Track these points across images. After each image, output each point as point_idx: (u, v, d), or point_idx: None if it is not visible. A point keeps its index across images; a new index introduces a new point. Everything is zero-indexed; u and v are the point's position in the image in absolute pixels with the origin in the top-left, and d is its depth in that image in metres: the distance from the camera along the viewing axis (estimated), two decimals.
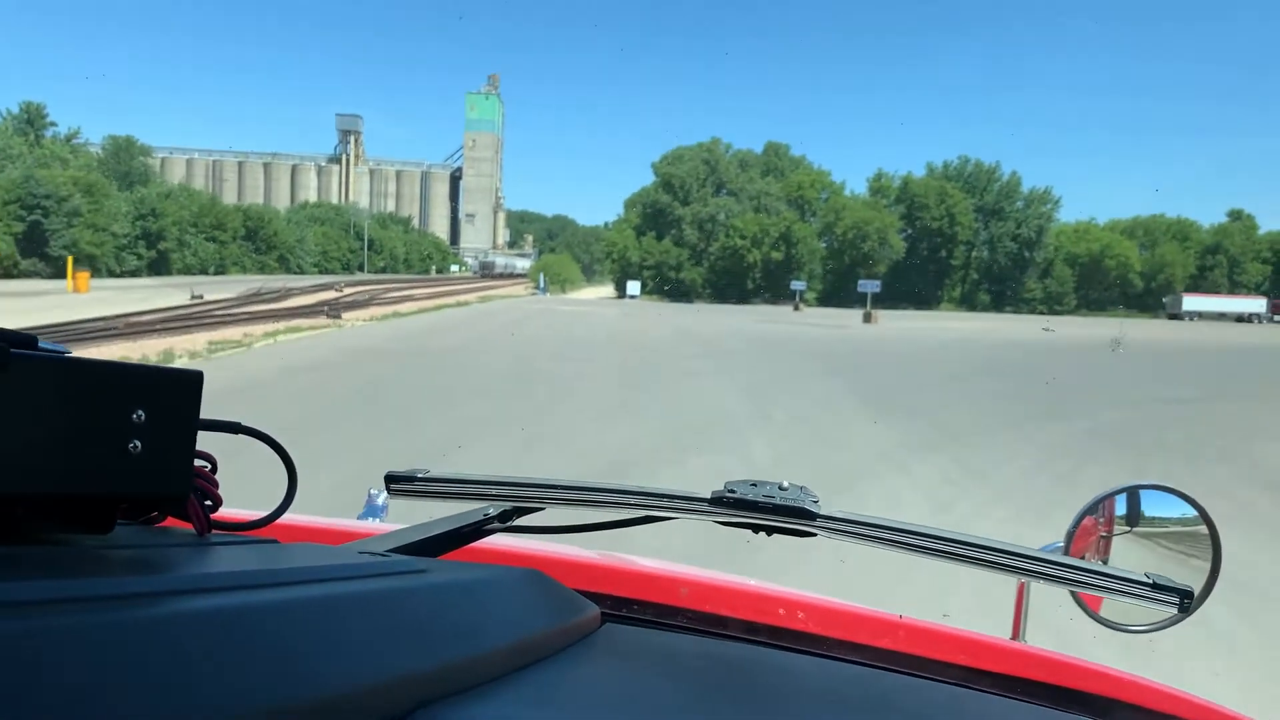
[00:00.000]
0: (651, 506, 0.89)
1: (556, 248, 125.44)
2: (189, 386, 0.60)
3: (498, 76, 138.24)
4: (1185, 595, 0.79)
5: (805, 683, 0.77)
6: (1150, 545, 1.09)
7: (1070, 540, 1.09)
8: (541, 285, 68.52)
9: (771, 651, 0.86)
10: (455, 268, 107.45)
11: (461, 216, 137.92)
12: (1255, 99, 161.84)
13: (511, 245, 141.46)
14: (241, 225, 70.42)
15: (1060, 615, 0.96)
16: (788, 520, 0.82)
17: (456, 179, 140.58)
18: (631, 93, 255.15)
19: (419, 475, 0.94)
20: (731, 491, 0.83)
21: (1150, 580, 0.80)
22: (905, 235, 75.77)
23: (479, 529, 0.93)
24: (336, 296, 34.92)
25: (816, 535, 0.83)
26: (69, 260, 38.00)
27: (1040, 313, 72.04)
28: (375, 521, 1.34)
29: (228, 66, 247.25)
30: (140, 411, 0.56)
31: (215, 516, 0.71)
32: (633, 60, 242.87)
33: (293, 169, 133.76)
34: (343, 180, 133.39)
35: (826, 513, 0.83)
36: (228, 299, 29.61)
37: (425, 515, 0.96)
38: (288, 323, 21.05)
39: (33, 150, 58.60)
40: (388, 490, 0.96)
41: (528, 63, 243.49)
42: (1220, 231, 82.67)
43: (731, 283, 72.25)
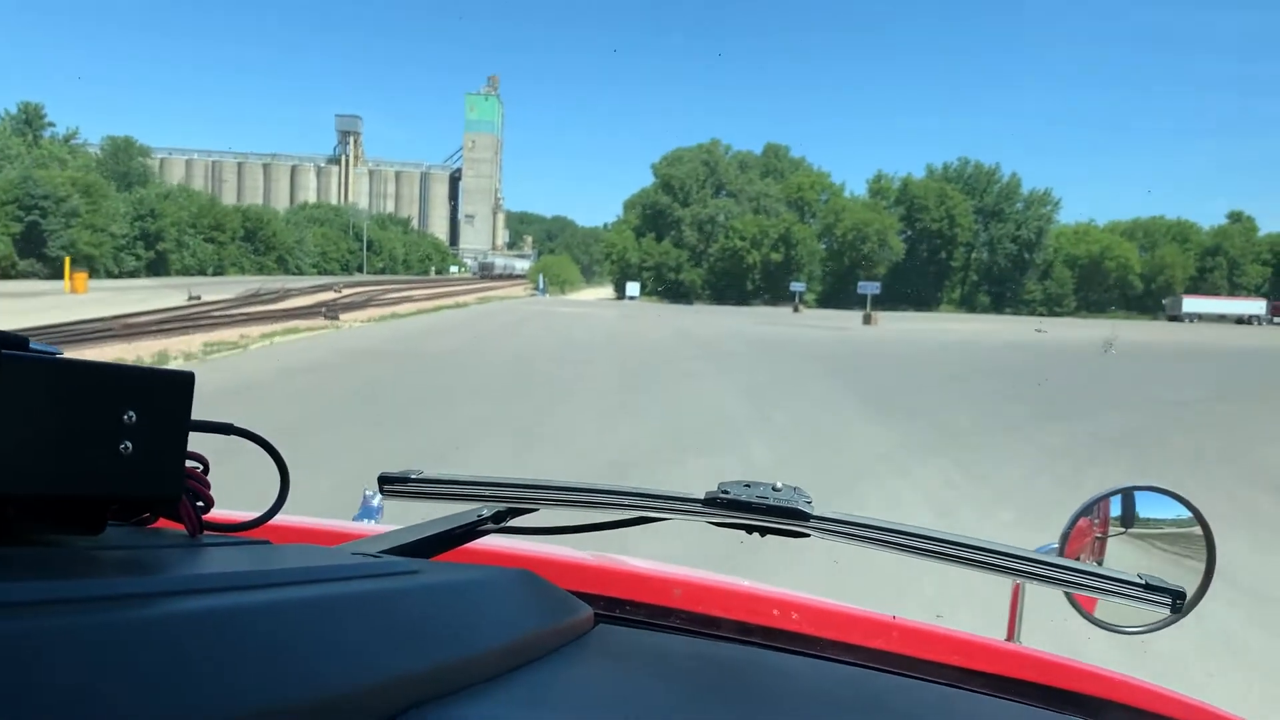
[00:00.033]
0: (645, 507, 0.89)
1: (556, 249, 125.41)
2: (180, 388, 0.60)
3: (497, 77, 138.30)
4: (1178, 596, 0.79)
5: (798, 683, 0.77)
6: (1145, 546, 1.09)
7: (1065, 541, 1.08)
8: (541, 286, 68.46)
9: (765, 652, 0.86)
10: (454, 269, 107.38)
11: (461, 217, 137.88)
12: (1255, 100, 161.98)
13: (511, 246, 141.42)
14: (240, 226, 70.35)
15: (1074, 618, 0.95)
16: (781, 521, 0.82)
17: (456, 180, 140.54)
18: (631, 94, 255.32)
19: (412, 476, 0.94)
20: (725, 492, 0.83)
21: (1143, 581, 0.80)
22: (905, 237, 75.72)
23: (472, 530, 0.93)
24: (335, 297, 34.86)
25: (810, 536, 0.84)
26: (66, 261, 37.87)
27: (1040, 314, 71.92)
28: (370, 523, 1.34)
29: (227, 67, 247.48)
30: (131, 413, 0.56)
31: (207, 517, 0.70)
32: (632, 61, 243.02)
33: (292, 170, 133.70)
34: (342, 181, 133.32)
35: (820, 513, 0.82)
36: (225, 300, 29.53)
37: (420, 516, 0.96)
38: (285, 324, 20.96)
39: (31, 151, 58.52)
40: (381, 491, 0.96)
41: (527, 64, 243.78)
42: (1220, 233, 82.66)
43: (731, 284, 72.18)
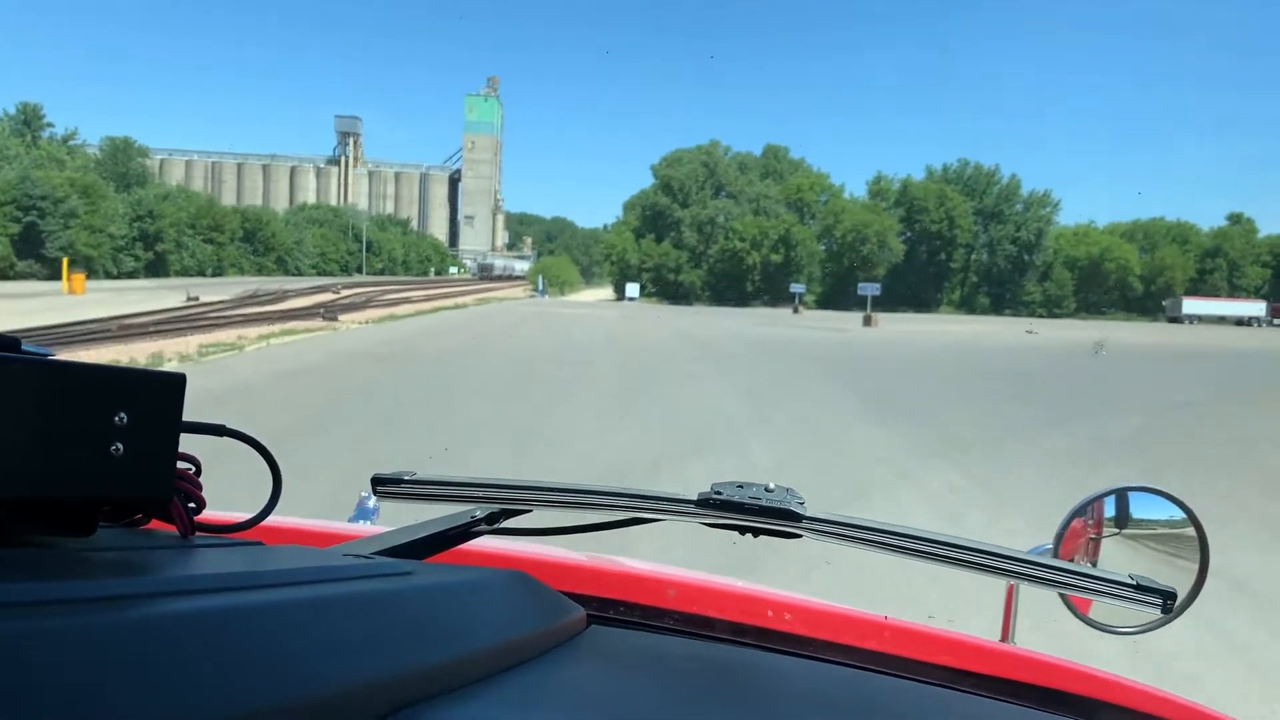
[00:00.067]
0: (638, 508, 0.89)
1: (555, 250, 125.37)
2: (171, 389, 0.60)
3: (497, 79, 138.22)
4: (1169, 596, 0.79)
5: (792, 684, 0.77)
6: (1138, 547, 1.09)
7: (1059, 542, 1.09)
8: (540, 287, 68.35)
9: (758, 653, 0.86)
10: (454, 270, 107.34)
11: (460, 218, 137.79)
12: (1255, 102, 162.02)
13: (510, 247, 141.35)
14: (239, 227, 70.29)
15: (1075, 619, 0.95)
16: (773, 521, 0.82)
17: (455, 181, 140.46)
18: (630, 95, 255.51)
19: (406, 478, 0.94)
20: (718, 493, 0.83)
21: (1134, 582, 0.80)
22: (904, 238, 75.65)
23: (465, 531, 0.93)
24: (333, 298, 34.76)
25: (802, 536, 0.84)
26: (64, 262, 37.75)
27: (1040, 316, 71.83)
28: (366, 524, 1.34)
29: (227, 68, 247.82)
30: (122, 414, 0.56)
31: (201, 519, 0.70)
32: (631, 62, 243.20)
33: (291, 171, 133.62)
34: (341, 182, 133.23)
35: (812, 514, 0.83)
36: (223, 301, 29.42)
37: (417, 518, 0.95)
38: (283, 325, 20.84)
39: (29, 151, 58.41)
40: (374, 493, 0.96)
41: (527, 65, 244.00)
42: (1220, 235, 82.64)
43: (730, 285, 72.08)
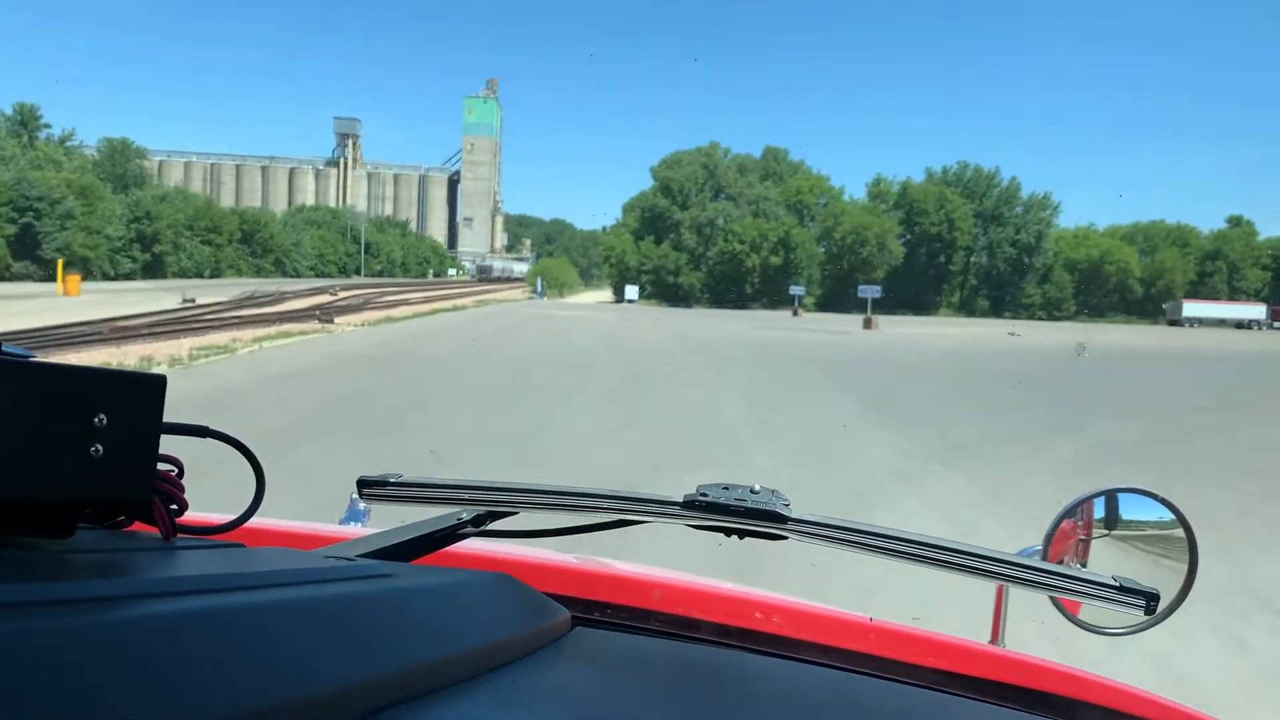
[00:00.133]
0: (624, 510, 0.89)
1: (554, 252, 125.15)
2: (152, 390, 0.60)
3: (496, 80, 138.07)
4: (1152, 598, 0.80)
5: (777, 686, 0.77)
6: (1128, 548, 1.09)
7: (1048, 543, 1.08)
8: (539, 289, 68.12)
9: (743, 655, 0.86)
10: (453, 271, 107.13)
11: (459, 220, 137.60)
12: (1255, 104, 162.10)
13: (509, 249, 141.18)
14: (237, 228, 70.10)
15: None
16: (758, 523, 0.82)
17: (454, 183, 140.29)
18: (629, 97, 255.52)
19: (392, 480, 0.94)
20: (704, 495, 0.84)
21: (1117, 583, 0.81)
22: (904, 240, 75.50)
23: (451, 534, 0.92)
24: (331, 300, 34.55)
25: (788, 538, 0.84)
26: (59, 263, 37.54)
27: (1040, 318, 71.69)
28: (357, 526, 1.34)
29: (226, 69, 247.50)
30: (102, 415, 0.56)
31: (184, 520, 0.70)
32: (631, 64, 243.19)
33: (290, 172, 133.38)
34: (340, 184, 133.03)
35: (798, 516, 0.83)
36: (220, 303, 29.19)
37: (407, 520, 0.95)
38: (278, 327, 20.61)
39: (26, 152, 58.19)
40: (360, 495, 0.97)
41: (526, 67, 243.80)
42: (1220, 237, 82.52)
43: (730, 287, 71.92)
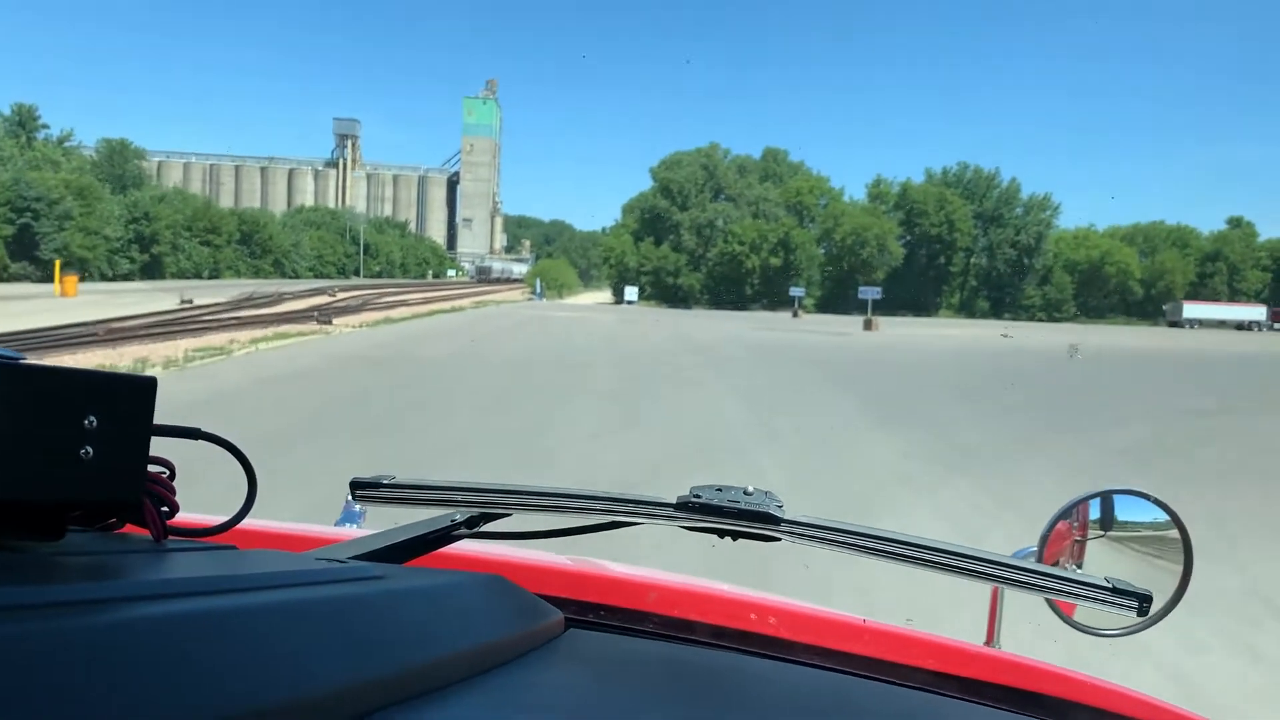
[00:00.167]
0: (618, 512, 0.89)
1: (554, 253, 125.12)
2: (142, 392, 0.60)
3: (495, 81, 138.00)
4: (1144, 599, 0.80)
5: (771, 688, 0.77)
6: (1123, 549, 1.09)
7: (1044, 544, 1.09)
8: (538, 290, 67.98)
9: (737, 656, 0.86)
10: (452, 272, 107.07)
11: (458, 221, 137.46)
12: (1255, 105, 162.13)
13: (509, 250, 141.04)
14: (236, 229, 69.97)
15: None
16: (752, 525, 0.83)
17: (454, 184, 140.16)
18: (629, 98, 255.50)
19: (385, 481, 0.94)
20: (697, 496, 0.84)
21: (1110, 585, 0.81)
22: (904, 241, 75.41)
23: (444, 535, 0.92)
24: (329, 301, 34.41)
25: (781, 540, 0.84)
26: (56, 264, 37.39)
27: (1040, 320, 71.61)
28: (353, 527, 1.33)
29: (226, 70, 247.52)
30: (92, 418, 0.56)
31: (176, 522, 0.70)
32: (631, 65, 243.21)
33: (289, 173, 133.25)
34: (340, 185, 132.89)
35: (791, 517, 0.83)
36: (218, 304, 29.03)
37: (404, 520, 0.94)
38: (275, 329, 20.47)
39: (24, 153, 58.05)
40: (353, 496, 0.96)
41: (525, 67, 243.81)
42: (1220, 239, 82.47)
43: (729, 289, 71.82)
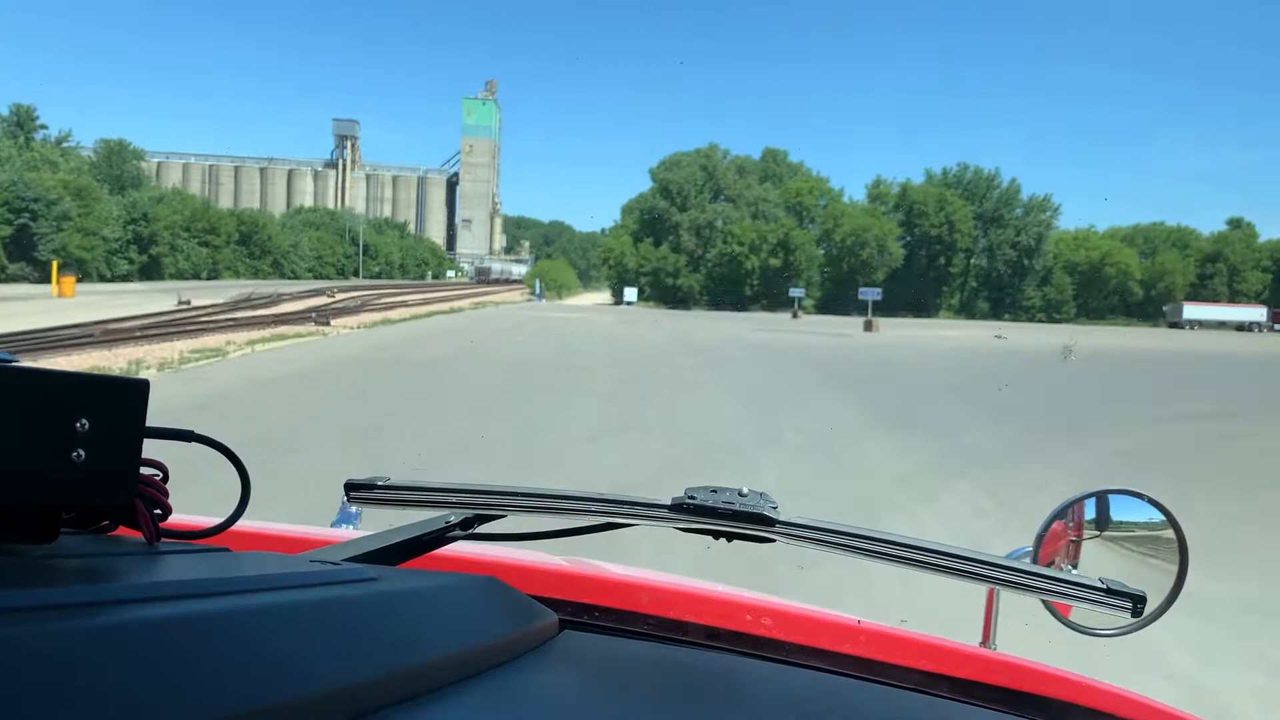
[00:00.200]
0: (612, 513, 0.89)
1: (553, 253, 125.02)
2: (134, 395, 0.60)
3: (495, 82, 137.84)
4: (1138, 600, 0.80)
5: (763, 690, 0.77)
6: (1118, 549, 1.09)
7: (1039, 544, 1.09)
8: (537, 291, 67.85)
9: (731, 658, 0.86)
10: (451, 273, 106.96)
11: (458, 222, 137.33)
12: (1255, 106, 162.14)
13: (508, 251, 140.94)
14: (235, 230, 69.83)
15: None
16: (746, 526, 0.83)
17: (453, 185, 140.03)
18: (629, 98, 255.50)
19: (379, 483, 0.94)
20: (691, 498, 0.84)
21: (1104, 586, 0.81)
22: (904, 242, 75.30)
23: (439, 537, 0.92)
24: (328, 302, 34.29)
25: (775, 541, 0.84)
26: (54, 265, 37.26)
27: (1040, 321, 71.50)
28: (349, 528, 1.32)
29: (225, 71, 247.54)
30: (84, 420, 0.55)
31: (169, 524, 0.70)
32: (630, 65, 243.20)
33: (289, 174, 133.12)
34: (339, 185, 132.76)
35: (786, 518, 0.83)
36: (215, 304, 28.90)
37: (400, 522, 0.94)
38: (272, 330, 20.33)
39: (22, 153, 57.87)
40: (348, 498, 0.95)
41: (525, 68, 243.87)
42: (1220, 240, 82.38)
43: (729, 289, 71.70)
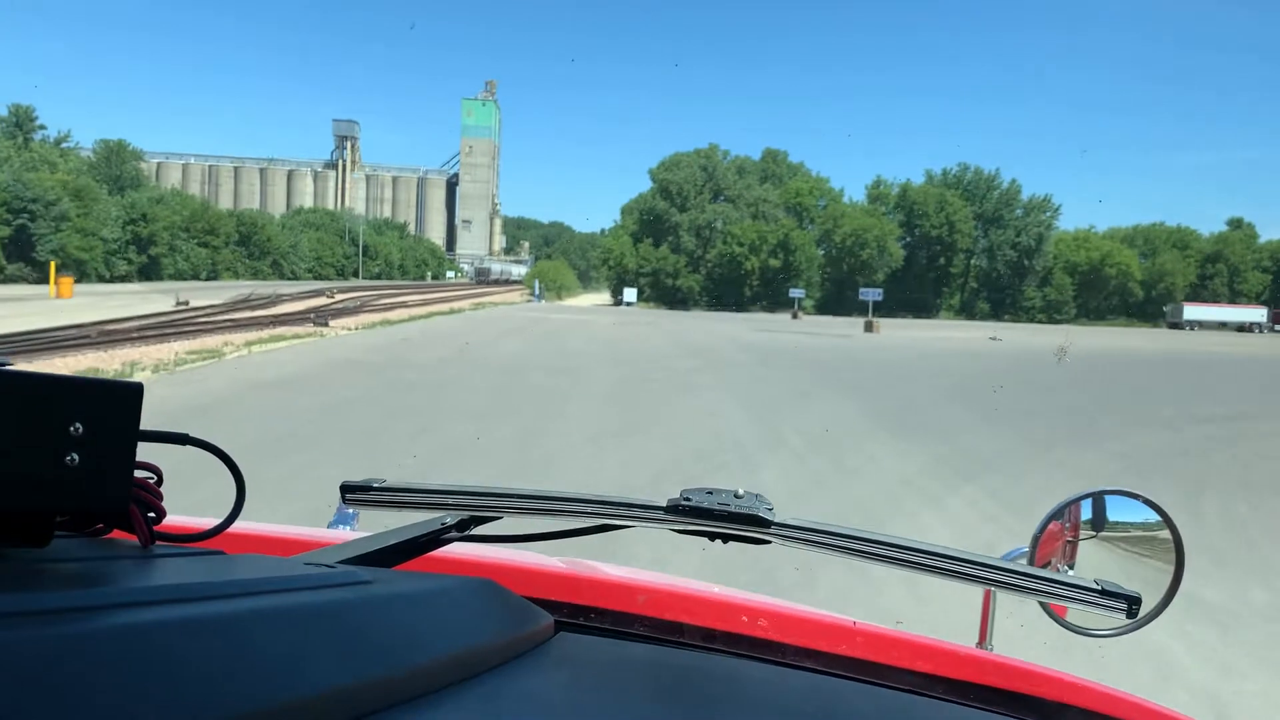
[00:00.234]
0: (608, 515, 0.89)
1: (553, 254, 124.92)
2: (128, 398, 0.60)
3: (495, 83, 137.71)
4: (1133, 601, 0.80)
5: (759, 691, 0.77)
6: (1114, 550, 1.09)
7: (1035, 545, 1.09)
8: (536, 292, 67.74)
9: (727, 659, 0.85)
10: (451, 274, 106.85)
11: (458, 223, 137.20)
12: (1255, 106, 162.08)
13: (508, 251, 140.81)
14: (234, 230, 69.70)
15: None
16: (742, 528, 0.82)
17: (453, 185, 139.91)
18: (629, 99, 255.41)
19: (375, 485, 0.94)
20: (687, 500, 0.84)
21: (1099, 587, 0.81)
22: (904, 243, 75.23)
23: (435, 539, 0.91)
24: (327, 303, 34.19)
25: (771, 542, 0.84)
26: (52, 265, 37.16)
27: (1040, 321, 71.41)
28: (346, 530, 1.31)
29: (225, 71, 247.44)
30: (78, 424, 0.55)
31: (164, 527, 0.70)
32: (630, 66, 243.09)
33: (289, 175, 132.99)
34: (339, 186, 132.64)
35: (781, 520, 0.83)
36: (214, 305, 28.80)
37: (396, 523, 0.93)
38: (270, 331, 20.23)
39: (21, 154, 57.74)
40: (343, 500, 0.95)
41: (525, 69, 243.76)
42: (1220, 240, 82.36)
43: (729, 290, 71.62)
